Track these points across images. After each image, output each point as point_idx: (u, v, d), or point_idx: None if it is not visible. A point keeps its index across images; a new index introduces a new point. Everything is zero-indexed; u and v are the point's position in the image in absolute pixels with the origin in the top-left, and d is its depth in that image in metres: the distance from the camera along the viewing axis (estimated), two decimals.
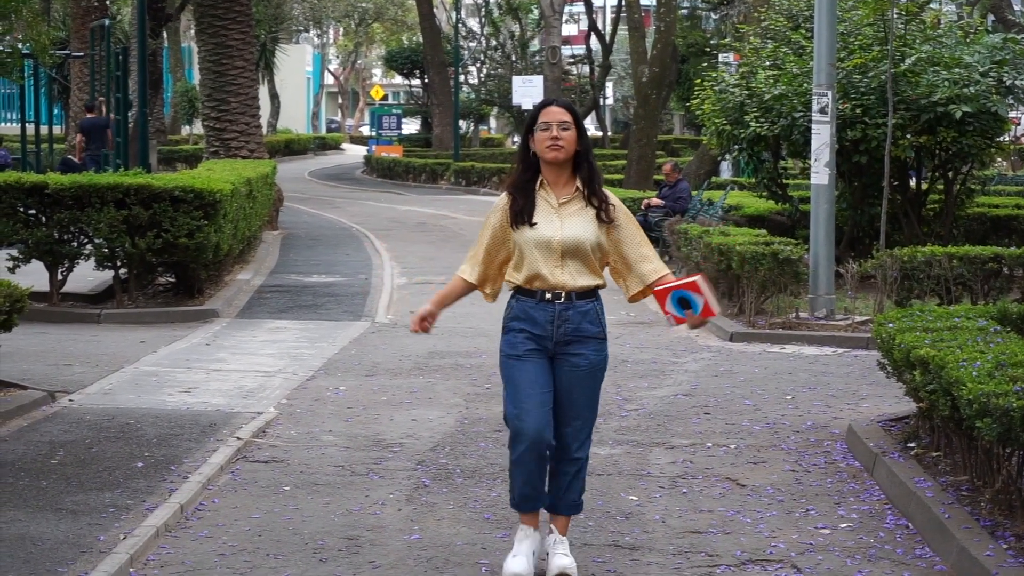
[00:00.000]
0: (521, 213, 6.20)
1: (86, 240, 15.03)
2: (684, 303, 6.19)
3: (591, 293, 6.28)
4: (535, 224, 6.19)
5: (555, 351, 6.25)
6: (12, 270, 14.33)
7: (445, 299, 6.47)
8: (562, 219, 6.20)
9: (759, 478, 8.54)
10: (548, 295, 6.20)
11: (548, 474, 6.34)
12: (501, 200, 6.35)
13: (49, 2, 41.60)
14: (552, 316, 6.20)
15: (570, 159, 6.23)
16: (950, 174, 18.53)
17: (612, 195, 6.34)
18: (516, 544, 6.39)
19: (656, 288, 6.27)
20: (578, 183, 6.27)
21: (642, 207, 21.29)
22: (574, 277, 6.20)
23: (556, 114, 6.17)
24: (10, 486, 7.93)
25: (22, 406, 9.96)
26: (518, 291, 6.31)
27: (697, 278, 6.21)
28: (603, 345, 6.35)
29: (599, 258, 6.29)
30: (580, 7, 51.73)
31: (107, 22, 29.06)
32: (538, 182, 6.26)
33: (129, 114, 26.32)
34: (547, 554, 6.38)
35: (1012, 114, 20.99)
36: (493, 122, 73.77)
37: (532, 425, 6.14)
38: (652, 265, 6.34)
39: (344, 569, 6.66)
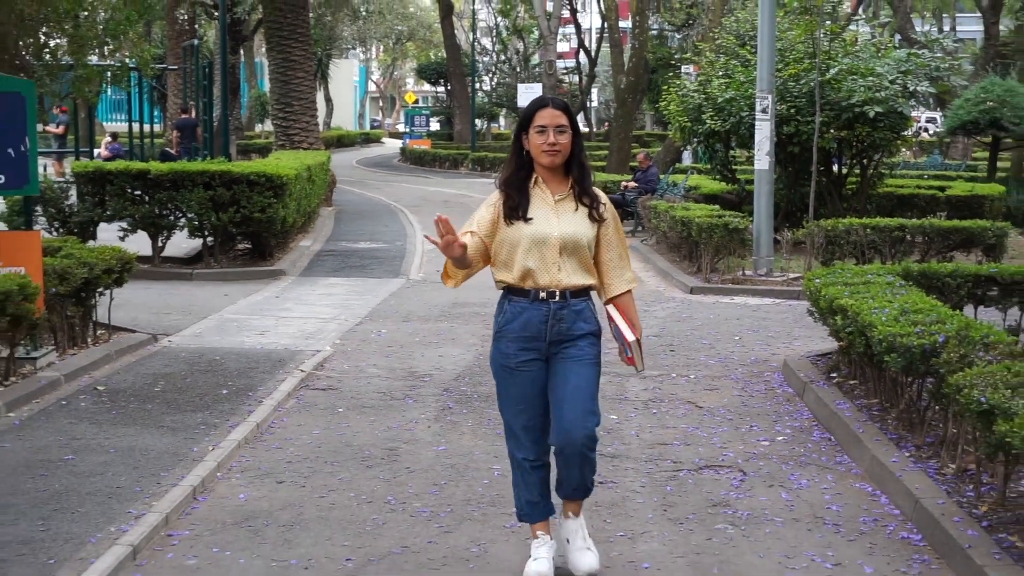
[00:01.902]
0: (516, 208, 4.92)
1: (180, 215, 15.05)
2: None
3: (584, 292, 5.00)
4: (531, 220, 4.91)
5: (549, 351, 4.96)
6: (122, 239, 14.36)
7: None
8: (559, 216, 4.94)
9: (713, 401, 8.55)
10: (543, 294, 4.91)
11: (556, 462, 5.05)
12: (493, 196, 5.04)
13: (150, 25, 41.42)
14: (547, 316, 4.91)
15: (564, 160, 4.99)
16: (865, 161, 18.50)
17: (602, 194, 5.10)
18: (534, 550, 5.10)
19: (617, 305, 5.08)
20: (571, 181, 5.01)
21: (621, 188, 21.25)
22: (569, 275, 4.93)
23: (552, 117, 4.89)
24: (123, 408, 7.97)
25: (131, 346, 10.00)
26: (510, 291, 4.99)
27: (633, 340, 5.04)
28: (597, 341, 5.04)
29: (591, 255, 5.02)
30: (571, 28, 51.49)
31: (196, 42, 28.96)
32: (532, 179, 4.99)
33: (214, 115, 26.25)
34: (567, 541, 5.12)
35: (914, 113, 20.87)
36: (502, 120, 73.34)
37: (526, 441, 5.04)
38: (631, 273, 5.15)
39: (386, 473, 6.68)
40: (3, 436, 7.19)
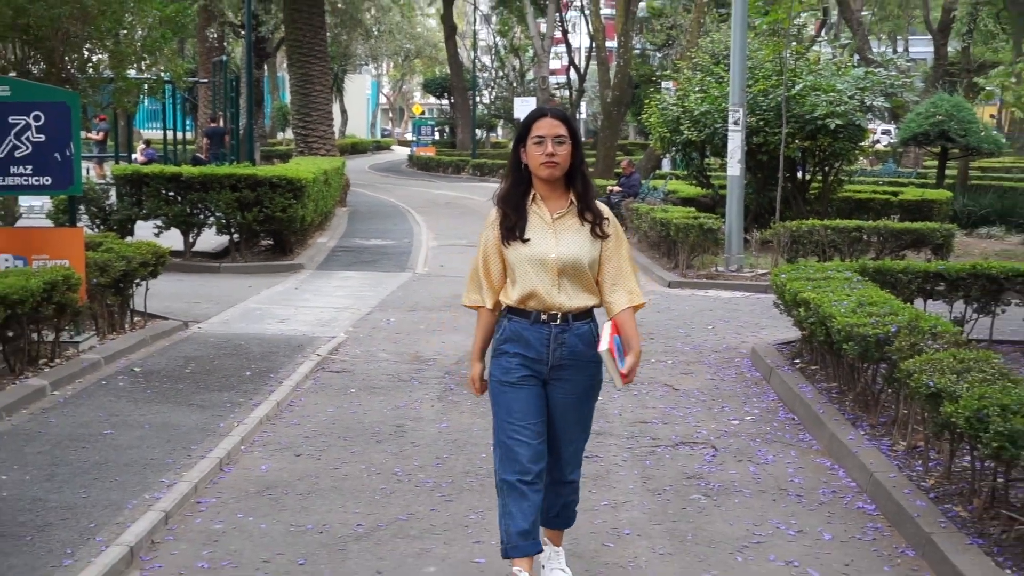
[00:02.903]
0: (513, 229, 4.19)
1: (209, 214, 15.02)
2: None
3: (587, 314, 4.29)
4: (528, 240, 4.17)
5: (549, 376, 4.24)
6: (157, 235, 14.32)
7: (485, 344, 4.38)
8: (557, 235, 4.18)
9: (688, 384, 8.55)
10: (543, 316, 4.19)
11: (543, 497, 4.35)
12: (492, 216, 4.28)
13: (183, 43, 41.33)
14: (547, 339, 4.19)
15: (564, 173, 4.21)
16: (826, 168, 18.49)
17: (605, 208, 4.33)
18: None
19: (616, 320, 4.35)
20: (572, 197, 4.23)
21: (606, 191, 21.23)
22: (571, 297, 4.20)
23: (551, 127, 4.11)
24: (157, 388, 7.96)
25: (165, 332, 9.99)
26: (510, 311, 4.25)
27: (604, 350, 4.19)
28: (599, 369, 4.33)
29: (594, 275, 4.28)
30: (563, 48, 51.37)
31: (224, 58, 28.86)
32: (530, 196, 4.23)
33: (240, 124, 26.19)
34: (542, 567, 4.54)
35: (870, 125, 20.87)
36: (500, 130, 73.30)
37: (524, 459, 4.16)
38: (634, 286, 4.45)
39: (393, 447, 6.68)
40: (48, 412, 7.19)
